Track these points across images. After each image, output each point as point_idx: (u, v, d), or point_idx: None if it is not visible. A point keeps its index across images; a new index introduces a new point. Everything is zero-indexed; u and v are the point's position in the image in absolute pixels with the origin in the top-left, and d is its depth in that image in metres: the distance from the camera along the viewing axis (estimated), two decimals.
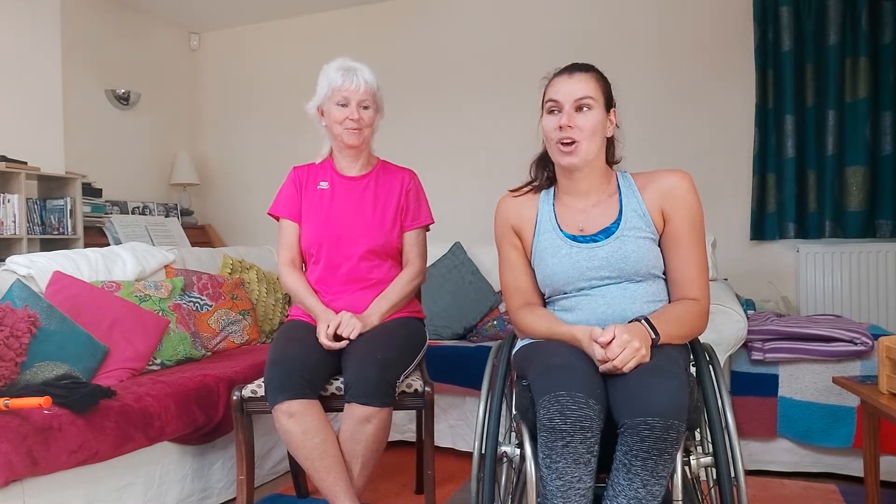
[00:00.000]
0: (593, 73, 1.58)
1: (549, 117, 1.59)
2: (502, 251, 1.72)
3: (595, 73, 1.59)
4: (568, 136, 1.54)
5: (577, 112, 1.55)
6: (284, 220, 2.15)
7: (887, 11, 3.44)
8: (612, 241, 1.58)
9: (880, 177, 3.50)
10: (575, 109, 1.55)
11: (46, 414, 1.70)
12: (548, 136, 1.59)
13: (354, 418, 1.83)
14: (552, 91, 1.58)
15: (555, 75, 1.61)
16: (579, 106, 1.55)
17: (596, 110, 1.56)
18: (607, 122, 1.60)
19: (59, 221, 3.76)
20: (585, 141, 1.55)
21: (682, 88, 3.92)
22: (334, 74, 2.05)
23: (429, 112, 4.50)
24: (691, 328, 1.54)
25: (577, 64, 1.60)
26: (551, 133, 1.57)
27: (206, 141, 5.24)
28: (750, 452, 2.49)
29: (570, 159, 1.56)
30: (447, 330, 3.06)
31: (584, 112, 1.55)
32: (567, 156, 1.56)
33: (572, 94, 1.55)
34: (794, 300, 3.70)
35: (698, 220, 1.60)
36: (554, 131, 1.56)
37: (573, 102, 1.55)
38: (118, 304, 2.35)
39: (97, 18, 4.45)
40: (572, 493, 1.32)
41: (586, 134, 1.54)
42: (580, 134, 1.54)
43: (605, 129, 1.60)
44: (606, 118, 1.60)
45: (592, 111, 1.55)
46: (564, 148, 1.56)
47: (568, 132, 1.54)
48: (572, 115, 1.55)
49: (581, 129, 1.54)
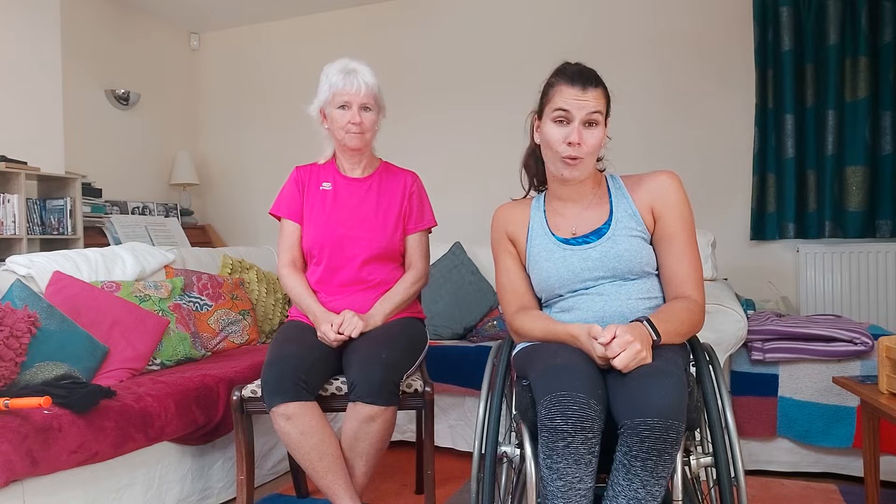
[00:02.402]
0: (602, 89, 1.57)
1: (555, 127, 1.56)
2: (499, 258, 1.73)
3: (603, 88, 1.58)
4: (577, 153, 1.54)
5: (585, 128, 1.54)
6: (286, 220, 2.15)
7: (887, 11, 3.44)
8: (604, 241, 1.59)
9: (880, 177, 3.49)
10: (584, 125, 1.54)
11: (46, 414, 1.70)
12: (552, 146, 1.57)
13: (359, 417, 1.83)
14: (562, 100, 1.55)
15: (562, 80, 1.57)
16: (588, 121, 1.54)
17: (601, 126, 1.57)
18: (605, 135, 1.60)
19: (59, 221, 3.76)
20: (589, 156, 1.57)
21: (681, 88, 3.92)
22: (335, 77, 2.04)
23: (429, 112, 4.50)
24: (690, 326, 1.54)
25: (586, 75, 1.56)
26: (558, 145, 1.55)
27: (206, 141, 5.24)
28: (750, 452, 2.49)
29: (573, 173, 1.57)
30: (447, 330, 3.06)
31: (592, 128, 1.55)
32: (571, 169, 1.56)
33: (584, 109, 1.53)
34: (794, 300, 3.70)
35: (688, 217, 1.60)
36: (561, 144, 1.55)
37: (583, 117, 1.54)
38: (118, 304, 2.35)
39: (97, 18, 4.45)
40: (573, 494, 1.32)
41: (591, 150, 1.56)
42: (585, 150, 1.54)
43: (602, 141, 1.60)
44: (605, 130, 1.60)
45: (599, 126, 1.56)
46: (571, 162, 1.55)
47: (577, 150, 1.54)
48: (582, 131, 1.54)
49: (588, 146, 1.54)
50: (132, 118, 4.69)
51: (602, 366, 1.41)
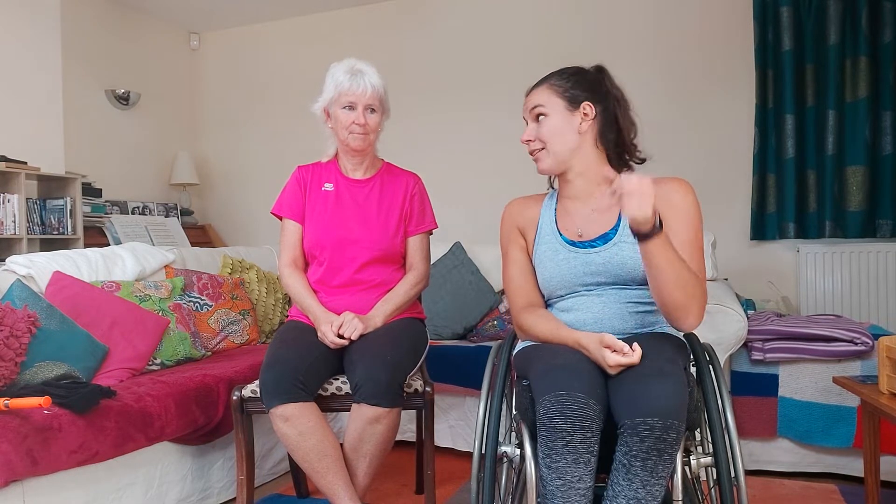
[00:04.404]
0: (546, 83, 1.63)
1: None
2: (508, 252, 1.72)
3: (548, 82, 1.63)
4: (530, 148, 1.65)
5: (536, 123, 1.63)
6: (287, 219, 2.15)
7: (887, 11, 3.44)
8: (609, 247, 1.59)
9: (880, 177, 3.49)
10: (534, 120, 1.64)
11: (46, 414, 1.70)
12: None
13: (363, 419, 1.83)
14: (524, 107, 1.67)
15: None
16: (536, 115, 1.63)
17: (552, 116, 1.60)
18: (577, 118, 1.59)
19: (59, 221, 3.76)
20: (549, 146, 1.62)
21: (681, 88, 3.92)
22: (341, 77, 2.03)
23: (429, 112, 4.49)
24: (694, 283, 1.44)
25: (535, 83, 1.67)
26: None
27: (206, 141, 5.24)
28: (750, 452, 2.49)
29: (538, 167, 1.66)
30: (447, 330, 3.06)
31: (541, 121, 1.62)
32: (536, 163, 1.66)
33: (527, 107, 1.65)
34: (794, 300, 3.70)
35: (697, 228, 1.58)
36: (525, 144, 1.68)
37: (531, 115, 1.64)
38: (118, 304, 2.35)
39: (97, 18, 4.45)
40: (572, 493, 1.32)
41: (546, 140, 1.61)
42: (539, 144, 1.63)
43: (572, 127, 1.59)
44: (572, 116, 1.59)
45: (548, 118, 1.61)
46: (533, 157, 1.66)
47: (529, 146, 1.65)
48: (531, 128, 1.64)
49: (540, 139, 1.62)
50: (132, 118, 4.69)
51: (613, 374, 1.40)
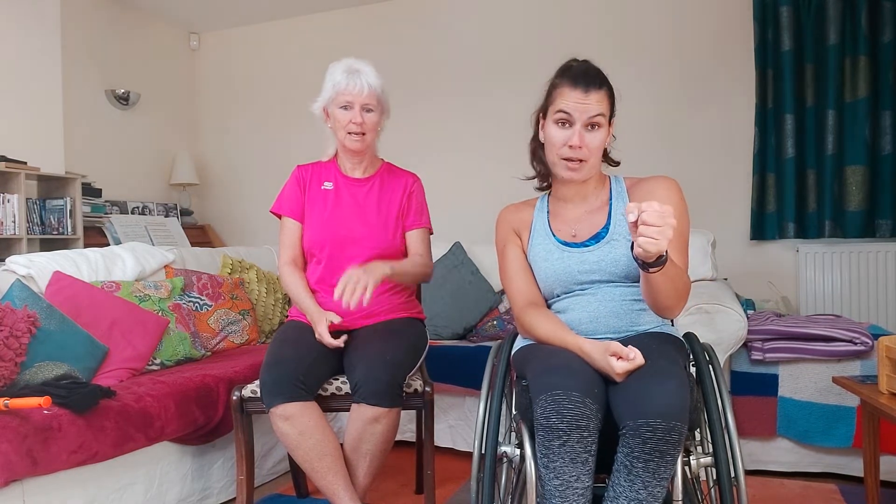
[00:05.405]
0: (606, 90, 1.56)
1: (557, 129, 1.56)
2: (506, 253, 1.72)
3: (607, 89, 1.57)
4: (577, 155, 1.55)
5: (587, 130, 1.54)
6: (286, 218, 2.15)
7: (887, 11, 3.43)
8: (602, 245, 1.60)
9: (880, 177, 3.49)
10: (585, 126, 1.54)
11: (46, 414, 1.70)
12: (554, 148, 1.58)
13: (363, 419, 1.83)
14: (564, 102, 1.54)
15: (565, 82, 1.56)
16: (590, 124, 1.54)
17: (604, 127, 1.57)
18: (607, 132, 1.60)
19: (59, 221, 3.76)
20: (592, 158, 1.57)
21: (681, 88, 3.92)
22: (339, 76, 2.03)
23: (429, 112, 4.49)
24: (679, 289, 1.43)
25: (590, 76, 1.55)
26: (559, 148, 1.56)
27: (206, 141, 5.23)
28: (750, 452, 2.49)
29: (573, 175, 1.58)
30: (447, 330, 3.06)
31: (594, 131, 1.55)
32: (572, 172, 1.57)
33: (586, 112, 1.53)
34: (793, 300, 3.70)
35: (683, 224, 1.55)
36: (562, 147, 1.56)
37: (585, 120, 1.54)
38: (118, 304, 2.35)
39: (97, 18, 4.45)
40: (570, 493, 1.32)
41: (592, 153, 1.56)
42: (587, 153, 1.55)
43: (604, 141, 1.60)
44: (609, 129, 1.60)
45: (601, 129, 1.56)
46: (571, 164, 1.56)
47: (578, 153, 1.54)
48: (583, 134, 1.54)
49: (589, 149, 1.55)
50: (132, 118, 4.69)
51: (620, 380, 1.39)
